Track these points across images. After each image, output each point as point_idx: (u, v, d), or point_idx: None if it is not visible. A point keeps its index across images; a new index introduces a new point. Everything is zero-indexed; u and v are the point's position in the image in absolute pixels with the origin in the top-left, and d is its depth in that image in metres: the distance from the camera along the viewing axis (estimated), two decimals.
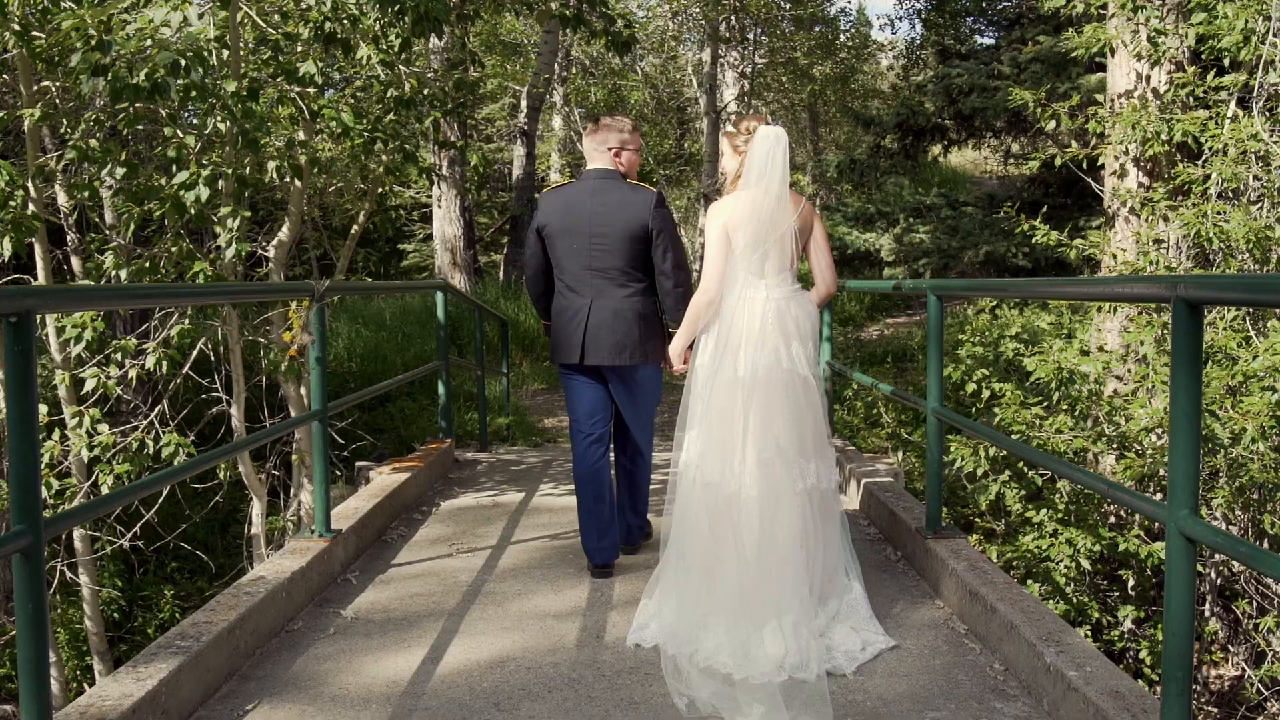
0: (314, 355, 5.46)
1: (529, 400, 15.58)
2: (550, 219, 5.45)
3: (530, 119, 20.31)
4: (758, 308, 4.73)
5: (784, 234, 4.79)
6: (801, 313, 4.82)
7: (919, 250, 11.70)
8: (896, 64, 30.85)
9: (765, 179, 4.73)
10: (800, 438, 4.66)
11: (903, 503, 6.34)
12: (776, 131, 4.78)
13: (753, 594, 4.38)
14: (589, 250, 5.39)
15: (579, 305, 5.42)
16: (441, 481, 8.08)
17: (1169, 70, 9.82)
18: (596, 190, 5.42)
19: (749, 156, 4.81)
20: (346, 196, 9.89)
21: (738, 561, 4.47)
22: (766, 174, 4.73)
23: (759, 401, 4.62)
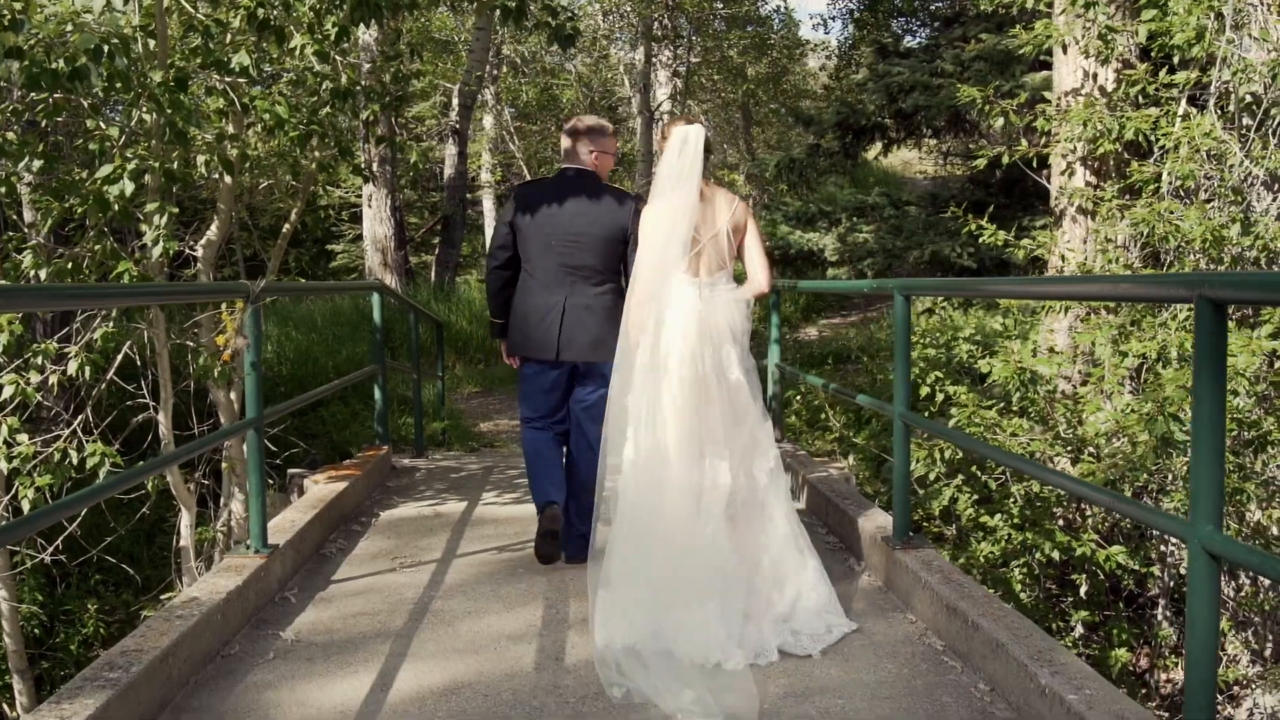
0: (249, 359, 5.15)
1: (464, 404, 15.27)
2: (527, 214, 5.54)
3: (462, 117, 19.96)
4: (690, 308, 4.81)
5: (717, 234, 4.90)
6: (735, 314, 4.89)
7: (863, 250, 11.53)
8: (829, 64, 30.76)
9: (685, 179, 4.83)
10: (729, 436, 4.75)
11: (863, 510, 6.12)
12: (686, 131, 4.90)
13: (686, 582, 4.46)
14: (566, 247, 5.48)
15: (552, 302, 5.50)
16: (379, 490, 7.77)
17: (1116, 68, 9.71)
18: (576, 190, 5.54)
19: (665, 158, 4.92)
20: (277, 194, 9.53)
21: (669, 552, 4.54)
22: (685, 174, 4.83)
23: (690, 401, 4.71)
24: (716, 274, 4.92)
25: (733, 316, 4.89)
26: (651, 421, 4.73)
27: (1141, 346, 7.89)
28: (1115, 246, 9.24)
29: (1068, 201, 10.01)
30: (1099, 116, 8.86)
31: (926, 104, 11.85)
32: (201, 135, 6.87)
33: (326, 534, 6.29)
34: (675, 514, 4.62)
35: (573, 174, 5.61)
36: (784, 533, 4.82)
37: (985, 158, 10.09)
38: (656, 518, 4.63)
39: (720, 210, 4.95)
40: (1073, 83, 9.95)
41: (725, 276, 4.95)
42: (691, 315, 4.80)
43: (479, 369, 17.68)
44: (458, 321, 18.23)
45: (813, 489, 6.94)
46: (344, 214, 23.60)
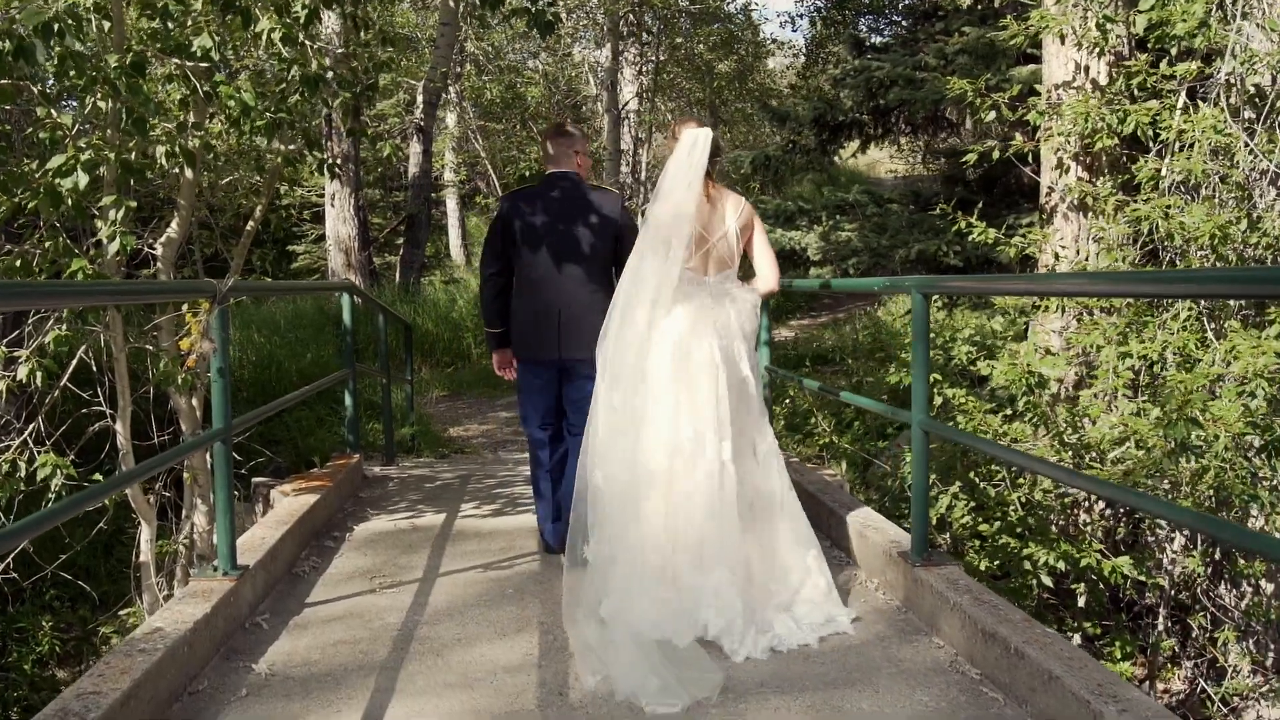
0: (215, 365, 4.72)
1: (432, 408, 14.84)
2: (520, 218, 5.66)
3: (427, 114, 19.48)
4: (701, 306, 4.98)
5: (726, 234, 5.08)
6: (744, 311, 5.12)
7: (847, 249, 11.16)
8: (797, 62, 30.47)
9: (694, 180, 4.97)
10: (737, 432, 4.90)
11: (870, 522, 5.76)
12: (697, 133, 5.07)
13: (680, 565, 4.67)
14: (560, 249, 5.62)
15: (548, 302, 5.62)
16: (352, 502, 7.34)
17: (1109, 61, 9.43)
18: (565, 192, 5.68)
19: (675, 159, 5.05)
20: (240, 190, 9.07)
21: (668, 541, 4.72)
22: (694, 175, 4.97)
23: (705, 393, 4.86)
24: (724, 272, 5.12)
25: (742, 314, 5.11)
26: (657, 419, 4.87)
27: (1143, 348, 7.59)
28: (1119, 245, 8.99)
29: (1059, 198, 9.72)
30: (1097, 110, 8.54)
31: (910, 99, 11.51)
32: (161, 125, 6.42)
33: (299, 551, 5.87)
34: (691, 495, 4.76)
35: (559, 177, 5.73)
36: (785, 522, 4.98)
37: (976, 153, 9.77)
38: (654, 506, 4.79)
39: (728, 211, 5.12)
40: (1063, 76, 9.65)
41: (732, 275, 5.15)
42: (703, 313, 4.97)
43: (446, 372, 17.25)
44: (424, 323, 17.78)
45: (812, 499, 6.57)
46: (305, 213, 23.06)
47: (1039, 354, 8.34)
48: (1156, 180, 8.35)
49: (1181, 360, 7.73)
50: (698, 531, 4.71)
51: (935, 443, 8.54)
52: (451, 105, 25.41)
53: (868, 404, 6.18)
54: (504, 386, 16.19)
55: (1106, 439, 7.38)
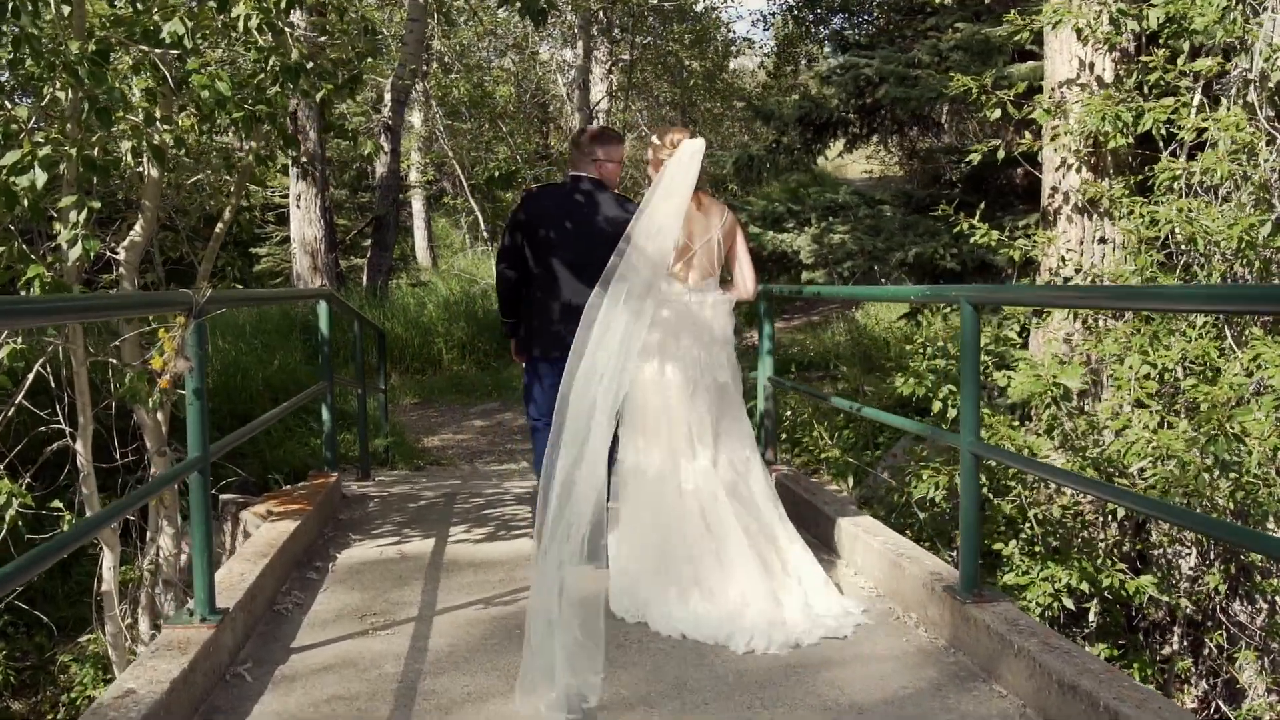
0: (192, 385, 4.22)
1: (404, 416, 14.33)
2: (538, 218, 5.76)
3: (395, 113, 18.91)
4: (683, 312, 5.24)
5: (709, 241, 5.27)
6: (724, 317, 5.33)
7: (841, 252, 10.72)
8: (768, 62, 30.08)
9: (687, 188, 5.11)
10: (718, 433, 5.18)
11: (903, 549, 5.32)
12: (695, 144, 5.18)
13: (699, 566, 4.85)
14: (572, 251, 5.69)
15: (557, 304, 5.72)
16: (332, 526, 6.84)
17: (1114, 58, 9.07)
18: (581, 196, 5.77)
19: (671, 167, 5.13)
20: (208, 190, 8.53)
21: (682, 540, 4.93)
22: (688, 183, 5.11)
23: (684, 401, 5.13)
24: (706, 279, 5.32)
25: (722, 320, 5.32)
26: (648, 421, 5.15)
27: (1161, 357, 7.21)
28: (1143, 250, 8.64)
29: (1062, 200, 9.35)
30: (1113, 108, 8.15)
31: (904, 96, 11.09)
32: (127, 118, 5.88)
33: (279, 585, 5.37)
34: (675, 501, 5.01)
35: (578, 180, 5.82)
36: (776, 521, 5.16)
37: (979, 152, 9.37)
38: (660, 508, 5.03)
39: (713, 218, 5.32)
40: (1067, 73, 9.28)
41: (714, 282, 5.35)
42: (685, 318, 5.22)
43: (417, 379, 16.73)
44: (393, 328, 17.25)
45: (826, 519, 6.14)
46: (269, 215, 22.43)
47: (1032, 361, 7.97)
48: (1173, 181, 7.98)
49: (1202, 369, 7.37)
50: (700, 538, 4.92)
51: (941, 456, 8.17)
52: (418, 104, 24.84)
53: (905, 424, 5.72)
54: (477, 393, 15.73)
55: (1131, 453, 6.97)
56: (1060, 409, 7.09)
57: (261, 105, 5.99)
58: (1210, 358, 7.35)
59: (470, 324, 17.74)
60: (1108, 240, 9.19)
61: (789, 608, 4.73)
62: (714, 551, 4.88)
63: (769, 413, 7.68)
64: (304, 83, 6.17)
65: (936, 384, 7.48)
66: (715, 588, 4.79)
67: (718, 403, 5.21)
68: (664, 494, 5.05)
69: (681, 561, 4.90)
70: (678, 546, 4.93)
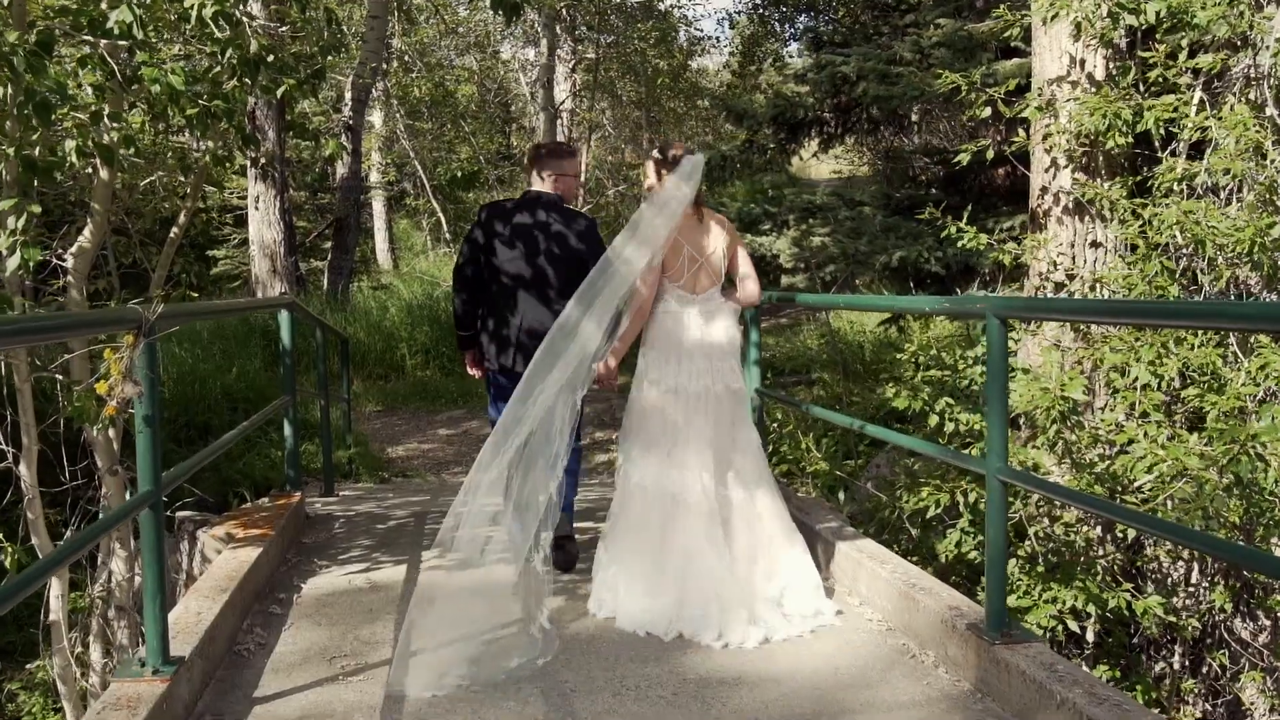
0: (142, 411, 3.80)
1: (367, 424, 13.87)
2: (494, 232, 5.81)
3: (356, 112, 18.38)
4: (693, 324, 5.35)
5: (715, 252, 5.39)
6: (732, 327, 5.47)
7: (823, 255, 10.35)
8: (733, 60, 29.79)
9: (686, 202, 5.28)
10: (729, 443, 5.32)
11: (915, 580, 4.95)
12: (695, 159, 5.36)
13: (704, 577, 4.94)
14: (527, 266, 5.78)
15: (512, 317, 5.81)
16: (296, 550, 6.41)
17: (1106, 55, 8.77)
18: (536, 212, 5.84)
19: (672, 181, 5.30)
20: (162, 192, 8.06)
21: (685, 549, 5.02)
22: (688, 197, 5.29)
23: (692, 411, 5.24)
24: (711, 289, 5.42)
25: (730, 330, 5.46)
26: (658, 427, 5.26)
27: (1162, 367, 6.90)
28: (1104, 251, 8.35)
29: (1052, 201, 9.04)
30: (1114, 106, 7.83)
31: (885, 95, 10.74)
32: (73, 115, 5.42)
33: (240, 620, 4.95)
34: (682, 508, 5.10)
35: (533, 196, 5.89)
36: (773, 521, 5.25)
37: (969, 152, 9.03)
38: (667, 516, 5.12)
39: (715, 231, 5.42)
40: (1057, 70, 8.97)
41: (716, 292, 5.45)
42: (694, 330, 5.34)
43: (380, 385, 16.27)
44: (355, 333, 16.77)
45: (824, 542, 5.78)
46: (227, 216, 21.85)
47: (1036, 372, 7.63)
48: (1173, 183, 7.69)
49: (1206, 378, 7.07)
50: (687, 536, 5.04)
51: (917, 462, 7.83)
52: (379, 104, 24.34)
53: (922, 447, 5.31)
54: (442, 399, 15.28)
55: (1139, 468, 6.63)
56: (1067, 423, 6.74)
57: (218, 101, 5.53)
58: (1215, 365, 7.05)
59: (434, 328, 17.28)
60: (1101, 244, 8.91)
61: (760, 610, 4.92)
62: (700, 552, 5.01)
63: (757, 425, 7.32)
64: (263, 77, 5.73)
65: (933, 396, 7.12)
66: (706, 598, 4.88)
67: (731, 409, 5.36)
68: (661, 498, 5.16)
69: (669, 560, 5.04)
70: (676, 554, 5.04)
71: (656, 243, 5.22)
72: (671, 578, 4.96)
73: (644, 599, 4.97)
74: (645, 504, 5.18)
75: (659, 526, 5.10)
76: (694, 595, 4.89)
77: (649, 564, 5.05)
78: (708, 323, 5.38)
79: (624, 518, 5.26)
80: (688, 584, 4.92)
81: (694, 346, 5.32)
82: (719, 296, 5.46)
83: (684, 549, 5.01)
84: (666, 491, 5.15)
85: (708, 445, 5.21)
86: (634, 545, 5.14)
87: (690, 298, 5.36)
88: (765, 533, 5.21)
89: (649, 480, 5.22)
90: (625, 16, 24.98)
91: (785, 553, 5.17)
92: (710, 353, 5.34)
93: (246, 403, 12.32)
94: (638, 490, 5.24)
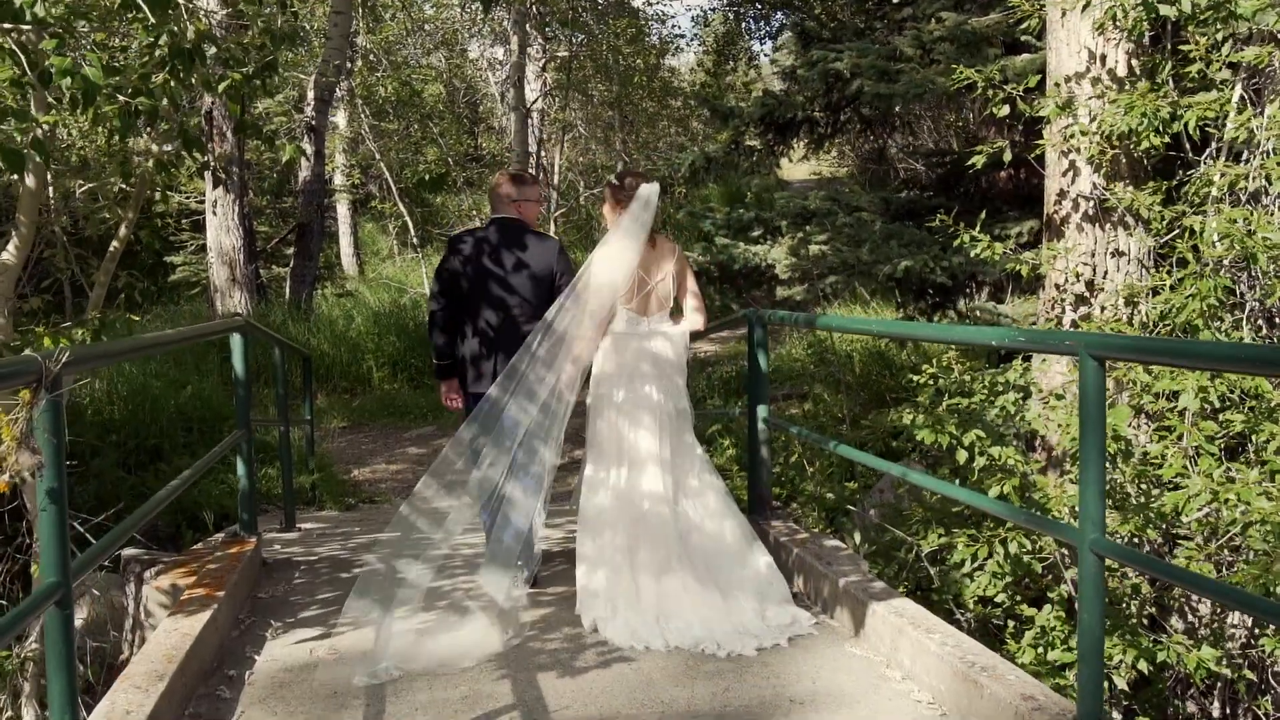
0: (45, 485, 3.03)
1: (331, 443, 13.08)
2: (467, 262, 6.01)
3: (319, 112, 17.51)
4: (643, 345, 5.69)
5: (664, 278, 5.71)
6: (680, 349, 5.77)
7: (824, 265, 9.61)
8: (707, 59, 29.14)
9: (642, 230, 5.63)
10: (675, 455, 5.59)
11: (975, 657, 4.21)
12: (650, 189, 5.68)
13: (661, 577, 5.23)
14: (500, 291, 5.97)
15: (487, 340, 5.96)
16: (249, 608, 5.64)
17: (1128, 49, 8.14)
18: (506, 237, 6.05)
19: (630, 210, 5.66)
20: (103, 200, 7.26)
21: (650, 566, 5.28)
22: (643, 225, 5.63)
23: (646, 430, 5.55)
24: (661, 313, 5.78)
25: (679, 350, 5.76)
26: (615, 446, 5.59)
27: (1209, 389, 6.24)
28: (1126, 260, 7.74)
29: (1071, 206, 8.40)
30: (1152, 102, 7.18)
31: (886, 93, 10.02)
32: None
33: (181, 710, 4.18)
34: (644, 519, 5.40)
35: (502, 222, 6.12)
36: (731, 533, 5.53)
37: (985, 154, 8.36)
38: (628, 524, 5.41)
39: (666, 256, 5.77)
40: (1075, 66, 8.34)
41: (666, 315, 5.80)
42: (644, 350, 5.67)
43: (344, 399, 15.46)
44: (319, 344, 15.97)
45: (859, 604, 5.06)
46: (184, 222, 20.91)
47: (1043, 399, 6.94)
48: (1213, 189, 7.06)
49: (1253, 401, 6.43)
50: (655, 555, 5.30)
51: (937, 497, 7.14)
52: (343, 104, 23.47)
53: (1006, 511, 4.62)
54: (410, 415, 14.47)
55: (1190, 508, 5.94)
56: (1120, 462, 6.04)
57: (142, 98, 4.69)
58: (1264, 389, 6.41)
59: (402, 338, 16.49)
60: (1123, 252, 8.28)
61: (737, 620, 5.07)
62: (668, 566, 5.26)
63: (764, 460, 6.61)
64: (199, 69, 4.91)
65: (961, 428, 6.40)
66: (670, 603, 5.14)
67: (676, 428, 5.65)
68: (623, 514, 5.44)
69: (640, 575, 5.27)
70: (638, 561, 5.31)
71: (623, 271, 5.60)
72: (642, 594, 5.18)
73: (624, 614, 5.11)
74: (606, 523, 5.43)
75: (624, 547, 5.35)
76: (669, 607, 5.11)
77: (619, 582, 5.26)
78: (657, 345, 5.70)
79: (589, 538, 5.47)
80: (662, 601, 5.14)
81: (645, 368, 5.65)
82: (668, 320, 5.79)
83: (649, 565, 5.26)
84: (625, 512, 5.44)
85: (662, 463, 5.52)
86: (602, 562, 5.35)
87: (640, 319, 5.72)
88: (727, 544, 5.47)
89: (607, 501, 5.50)
90: (597, 14, 24.23)
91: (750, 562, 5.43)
92: (660, 374, 5.66)
93: (202, 423, 11.49)
94: (597, 510, 5.51)
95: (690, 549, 5.38)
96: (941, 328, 8.34)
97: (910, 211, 10.92)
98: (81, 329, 6.13)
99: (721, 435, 11.65)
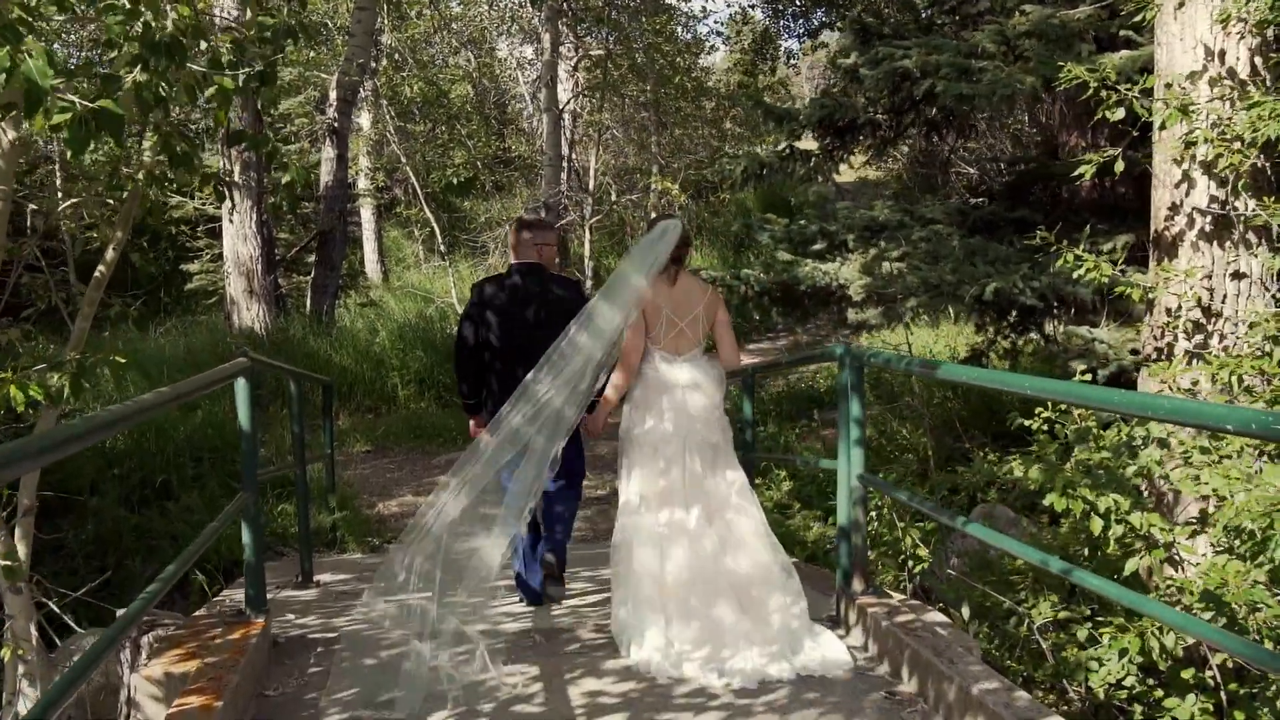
0: None
1: (354, 470, 12.17)
2: (487, 307, 6.26)
3: (341, 113, 16.60)
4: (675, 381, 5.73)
5: (695, 316, 5.80)
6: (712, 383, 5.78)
7: (904, 287, 8.58)
8: (744, 59, 28.21)
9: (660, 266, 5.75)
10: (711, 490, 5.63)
11: None
12: (666, 224, 5.86)
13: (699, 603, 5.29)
14: (526, 332, 6.14)
15: (512, 380, 5.82)
16: (254, 710, 4.70)
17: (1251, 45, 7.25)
18: (528, 282, 6.30)
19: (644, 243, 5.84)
20: (87, 219, 6.34)
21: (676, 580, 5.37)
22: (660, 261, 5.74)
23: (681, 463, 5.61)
24: (692, 351, 5.81)
25: (711, 385, 5.76)
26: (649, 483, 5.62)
27: None
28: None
29: (1186, 223, 7.48)
30: None
31: (969, 93, 9.01)
32: None
33: None
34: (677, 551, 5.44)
35: (523, 268, 6.35)
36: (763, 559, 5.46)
37: (1095, 163, 7.42)
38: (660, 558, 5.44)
39: (694, 295, 5.84)
40: (1190, 65, 7.47)
41: (699, 353, 5.84)
42: (679, 387, 5.71)
43: (368, 420, 14.55)
44: (340, 360, 15.06)
45: None
46: (200, 228, 19.99)
47: None
48: None
49: None
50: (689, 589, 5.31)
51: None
52: (367, 105, 22.56)
53: (1243, 650, 3.59)
54: (439, 438, 13.49)
55: None
56: None
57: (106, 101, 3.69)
58: None
59: (428, 353, 15.57)
60: (1245, 274, 7.38)
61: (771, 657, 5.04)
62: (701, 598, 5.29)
63: (857, 524, 5.63)
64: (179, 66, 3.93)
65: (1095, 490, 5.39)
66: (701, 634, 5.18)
67: (711, 461, 5.66)
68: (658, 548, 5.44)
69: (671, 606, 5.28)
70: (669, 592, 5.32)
71: (630, 299, 5.61)
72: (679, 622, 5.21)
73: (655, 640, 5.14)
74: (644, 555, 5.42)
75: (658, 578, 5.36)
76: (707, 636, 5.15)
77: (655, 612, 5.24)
78: (692, 380, 5.71)
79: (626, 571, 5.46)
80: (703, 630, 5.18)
81: (679, 403, 5.65)
82: (702, 357, 5.82)
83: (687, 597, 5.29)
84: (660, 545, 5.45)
85: (698, 495, 5.56)
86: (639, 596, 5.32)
87: (673, 358, 5.74)
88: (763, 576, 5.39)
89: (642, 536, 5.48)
90: (631, 12, 23.26)
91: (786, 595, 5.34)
92: (695, 408, 5.66)
93: (214, 453, 10.58)
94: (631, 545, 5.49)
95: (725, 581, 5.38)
96: (1162, 400, 6.33)
97: (989, 224, 9.93)
98: (57, 373, 5.20)
99: (777, 466, 10.71)
